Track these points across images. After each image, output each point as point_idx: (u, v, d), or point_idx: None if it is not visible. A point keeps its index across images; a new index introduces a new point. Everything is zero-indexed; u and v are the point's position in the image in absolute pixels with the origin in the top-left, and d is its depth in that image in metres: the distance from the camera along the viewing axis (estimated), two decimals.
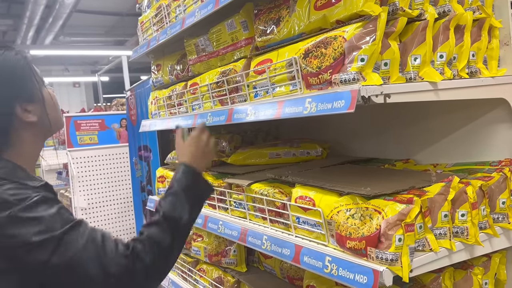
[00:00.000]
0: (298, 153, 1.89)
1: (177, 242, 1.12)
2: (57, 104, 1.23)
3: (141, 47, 2.29)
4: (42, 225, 0.97)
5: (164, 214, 1.12)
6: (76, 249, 0.98)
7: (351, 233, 1.12)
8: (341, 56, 1.09)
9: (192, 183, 1.21)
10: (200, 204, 1.24)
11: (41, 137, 1.20)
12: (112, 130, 4.54)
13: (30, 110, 1.14)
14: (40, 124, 1.17)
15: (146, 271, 1.04)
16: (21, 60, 1.16)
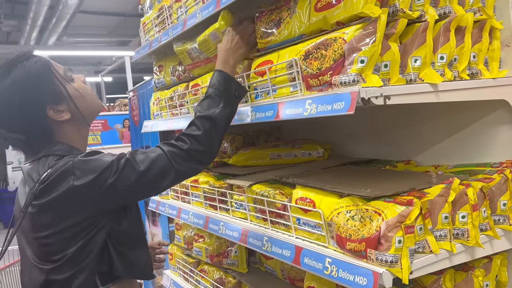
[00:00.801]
0: (300, 154, 1.89)
1: (214, 131, 1.29)
2: (86, 94, 1.33)
3: (143, 48, 2.30)
4: (100, 162, 1.18)
5: (197, 114, 1.31)
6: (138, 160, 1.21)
7: (351, 235, 1.12)
8: (341, 58, 1.09)
9: (224, 88, 1.36)
10: (234, 103, 1.37)
11: (82, 125, 1.34)
12: (115, 130, 4.56)
13: (62, 110, 1.27)
14: (76, 118, 1.31)
15: (188, 153, 1.25)
16: (41, 67, 1.26)
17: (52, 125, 1.27)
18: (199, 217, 1.88)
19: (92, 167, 1.17)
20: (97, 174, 1.16)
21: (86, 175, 1.16)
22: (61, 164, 1.19)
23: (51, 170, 1.18)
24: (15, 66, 1.25)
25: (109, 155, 1.23)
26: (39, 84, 1.25)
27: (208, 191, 1.84)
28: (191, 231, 2.31)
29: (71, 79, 1.32)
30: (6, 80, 1.23)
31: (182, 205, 2.06)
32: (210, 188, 1.83)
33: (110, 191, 1.17)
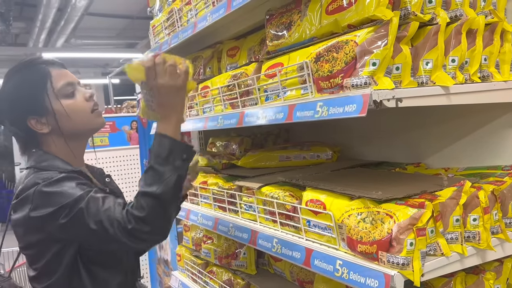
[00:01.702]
0: (309, 156, 1.89)
1: (159, 211, 1.16)
2: (75, 112, 1.32)
3: (153, 51, 2.31)
4: (59, 196, 1.17)
5: (140, 189, 1.18)
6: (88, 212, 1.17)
7: (362, 237, 1.12)
8: (352, 61, 1.10)
9: (167, 155, 1.18)
10: (181, 169, 1.20)
11: (70, 139, 1.35)
12: (123, 132, 4.58)
13: (43, 122, 1.31)
14: (55, 134, 1.33)
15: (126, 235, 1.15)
16: (36, 78, 1.30)
17: (35, 133, 1.32)
18: (208, 218, 1.89)
19: (50, 201, 1.18)
20: (52, 210, 1.17)
21: (42, 208, 1.18)
22: (29, 184, 1.21)
23: (23, 187, 1.23)
24: (19, 71, 1.34)
25: (75, 188, 1.20)
26: (27, 94, 1.30)
27: (217, 193, 1.85)
28: (199, 233, 2.31)
29: (67, 94, 1.32)
30: (10, 80, 1.33)
31: (191, 207, 2.07)
32: (219, 190, 1.83)
33: (61, 230, 1.19)
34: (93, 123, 1.38)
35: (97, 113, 1.38)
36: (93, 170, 1.55)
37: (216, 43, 2.07)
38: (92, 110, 1.36)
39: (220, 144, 2.47)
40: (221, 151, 2.43)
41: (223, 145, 2.45)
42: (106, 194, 1.22)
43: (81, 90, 1.35)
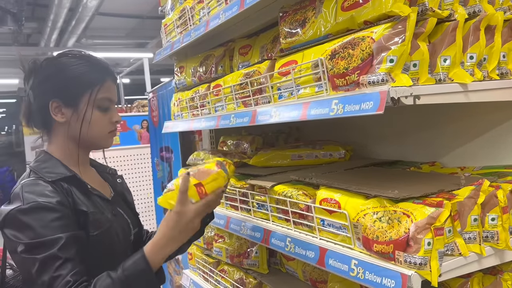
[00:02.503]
0: (321, 155, 1.88)
1: None
2: (95, 126, 1.34)
3: (165, 49, 2.31)
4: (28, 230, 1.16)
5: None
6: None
7: (378, 237, 1.11)
8: (369, 57, 1.08)
9: (138, 280, 1.16)
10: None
11: (72, 141, 1.36)
12: (134, 131, 4.60)
13: (63, 112, 1.32)
14: (69, 129, 1.34)
15: None
16: (90, 75, 1.33)
17: (49, 115, 1.33)
18: (220, 217, 1.88)
19: (19, 229, 1.18)
20: (16, 239, 1.18)
21: (10, 230, 1.19)
22: (15, 194, 1.23)
23: (13, 193, 1.25)
24: (88, 59, 1.36)
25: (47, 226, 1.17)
26: (61, 77, 1.32)
27: (229, 192, 1.84)
28: (210, 231, 2.31)
29: (102, 107, 1.34)
30: (74, 57, 1.35)
31: None
32: (231, 189, 1.83)
33: (14, 257, 1.24)
34: (104, 141, 1.40)
35: (112, 135, 1.41)
36: (104, 169, 1.57)
37: (228, 41, 2.06)
38: (109, 132, 1.39)
39: (231, 143, 2.47)
40: (232, 150, 2.42)
41: (234, 144, 2.45)
42: (69, 257, 1.16)
43: (113, 111, 1.39)
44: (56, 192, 1.23)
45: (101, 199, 1.37)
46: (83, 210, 1.26)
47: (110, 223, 1.33)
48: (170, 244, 1.21)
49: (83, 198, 1.30)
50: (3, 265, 1.33)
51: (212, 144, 2.70)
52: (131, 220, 1.47)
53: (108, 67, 1.40)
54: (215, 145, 2.68)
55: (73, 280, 1.14)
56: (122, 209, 1.46)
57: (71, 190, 1.29)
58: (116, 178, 1.58)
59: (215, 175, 1.28)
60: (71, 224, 1.22)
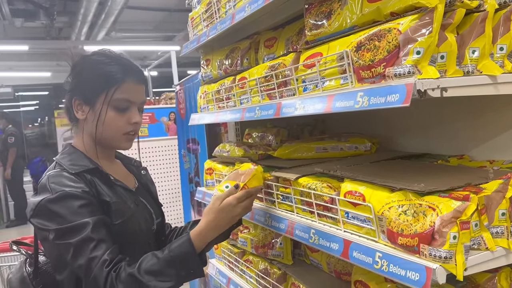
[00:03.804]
0: (346, 148, 1.87)
1: None
2: (109, 125, 1.37)
3: (191, 43, 2.34)
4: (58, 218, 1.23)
5: (138, 267, 1.21)
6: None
7: (403, 230, 1.10)
8: (395, 49, 1.07)
9: (182, 262, 1.24)
10: (183, 280, 1.27)
11: (91, 138, 1.40)
12: (161, 123, 4.68)
13: (83, 110, 1.38)
14: (87, 126, 1.40)
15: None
16: (108, 75, 1.35)
17: (73, 111, 1.40)
18: None
19: (49, 218, 1.25)
20: (47, 227, 1.24)
21: (40, 219, 1.26)
22: (42, 185, 1.30)
23: (40, 183, 1.32)
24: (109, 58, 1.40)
25: (76, 212, 1.24)
26: (91, 79, 1.37)
27: None
28: None
29: (118, 108, 1.36)
30: (98, 56, 1.41)
31: None
32: None
33: (46, 245, 1.33)
34: (118, 143, 1.42)
35: (128, 137, 1.42)
36: (129, 162, 1.62)
37: (254, 34, 2.07)
38: (125, 133, 1.40)
39: (256, 135, 2.49)
40: (257, 142, 2.44)
41: (259, 136, 2.46)
42: (102, 238, 1.23)
43: (132, 112, 1.39)
44: (80, 182, 1.30)
45: (124, 189, 1.42)
46: (105, 200, 1.32)
47: (132, 213, 1.38)
48: (212, 230, 1.31)
49: (106, 188, 1.35)
50: (36, 252, 1.39)
51: (237, 136, 2.72)
52: (154, 211, 1.52)
53: (130, 67, 1.40)
54: (240, 137, 2.70)
55: (110, 258, 1.20)
56: (145, 200, 1.51)
57: (94, 181, 1.34)
58: (140, 170, 1.62)
59: (254, 172, 1.45)
60: (98, 210, 1.28)
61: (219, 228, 1.34)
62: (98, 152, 1.42)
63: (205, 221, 1.32)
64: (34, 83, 12.50)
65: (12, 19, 7.87)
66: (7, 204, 8.93)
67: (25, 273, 1.37)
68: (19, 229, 8.01)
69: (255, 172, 1.46)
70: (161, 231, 1.56)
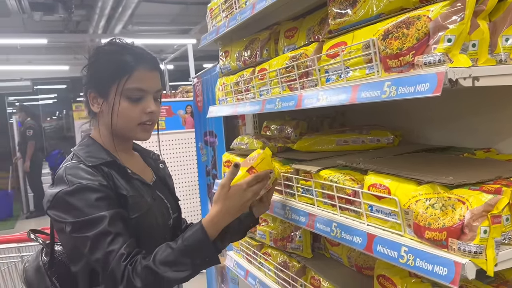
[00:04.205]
0: (368, 140, 1.83)
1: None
2: (122, 116, 1.34)
3: (210, 34, 2.32)
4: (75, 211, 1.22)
5: (153, 258, 1.20)
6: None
7: (430, 223, 1.07)
8: (425, 37, 1.04)
9: (195, 251, 1.22)
10: (198, 269, 1.25)
11: (107, 130, 1.39)
12: (178, 116, 4.69)
13: (98, 102, 1.37)
14: (103, 118, 1.38)
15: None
16: (119, 65, 1.32)
17: (89, 104, 1.39)
18: None
19: (66, 210, 1.24)
20: (64, 219, 1.24)
21: (57, 211, 1.26)
22: (59, 176, 1.29)
23: (57, 174, 1.31)
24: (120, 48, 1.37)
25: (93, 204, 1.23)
26: (102, 71, 1.35)
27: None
28: None
29: (131, 98, 1.33)
30: (109, 46, 1.39)
31: None
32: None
33: (62, 237, 1.34)
34: (133, 133, 1.39)
35: (144, 128, 1.38)
36: (148, 154, 1.60)
37: (274, 25, 2.04)
38: (140, 123, 1.36)
39: (275, 128, 2.46)
40: (275, 134, 2.42)
41: (277, 129, 2.44)
42: (119, 231, 1.22)
43: (147, 101, 1.35)
44: (97, 175, 1.28)
45: (141, 183, 1.40)
46: (122, 193, 1.30)
47: (149, 207, 1.36)
48: (223, 216, 1.29)
49: (123, 182, 1.33)
50: (52, 241, 1.39)
51: (255, 129, 2.70)
52: (171, 205, 1.50)
53: (142, 55, 1.37)
54: (258, 130, 2.68)
55: (127, 252, 1.20)
56: (162, 194, 1.49)
57: (111, 174, 1.32)
58: (158, 163, 1.60)
59: (262, 155, 1.39)
60: (115, 203, 1.27)
61: (231, 214, 1.31)
62: (116, 144, 1.40)
63: (216, 208, 1.30)
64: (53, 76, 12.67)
65: (31, 12, 7.96)
66: (27, 195, 9.10)
67: (41, 263, 1.37)
68: (39, 220, 8.17)
69: (264, 155, 1.41)
70: (178, 226, 1.54)
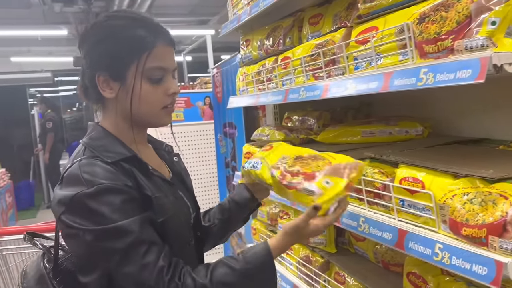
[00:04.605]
0: (395, 132, 1.76)
1: None
2: (147, 102, 1.15)
3: (231, 22, 2.27)
4: (99, 216, 1.02)
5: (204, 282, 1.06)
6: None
7: (468, 220, 1.00)
8: (466, 20, 0.96)
9: (259, 272, 1.10)
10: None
11: (124, 119, 1.18)
12: (197, 107, 4.66)
13: (111, 87, 1.14)
14: (118, 105, 1.17)
15: None
16: (136, 41, 1.12)
17: (98, 90, 1.16)
18: None
19: (87, 216, 1.03)
20: (85, 227, 1.03)
21: (75, 217, 1.04)
22: (72, 175, 1.07)
23: (68, 173, 1.09)
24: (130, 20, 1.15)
25: (119, 208, 1.04)
26: (115, 49, 1.12)
27: None
28: (274, 208, 2.28)
29: (153, 79, 1.14)
30: (116, 20, 1.16)
31: None
32: None
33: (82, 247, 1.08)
34: (158, 119, 1.20)
35: (167, 111, 1.20)
36: (160, 146, 1.38)
37: (297, 11, 1.97)
38: (163, 107, 1.18)
39: (297, 119, 2.40)
40: (297, 125, 2.36)
41: (299, 120, 2.38)
42: (153, 240, 1.05)
43: (168, 81, 1.17)
44: (118, 173, 1.09)
45: (162, 180, 1.21)
46: (147, 194, 1.11)
47: (175, 209, 1.19)
48: (290, 246, 1.18)
49: (146, 180, 1.14)
50: (56, 247, 1.20)
51: (276, 120, 2.65)
52: (191, 204, 1.31)
53: (159, 27, 1.17)
54: (279, 121, 2.63)
55: (167, 264, 1.04)
56: (182, 192, 1.30)
57: (133, 171, 1.12)
58: (172, 157, 1.38)
59: (360, 168, 1.18)
60: (141, 206, 1.09)
61: (301, 241, 1.30)
62: (135, 136, 1.20)
63: (288, 239, 1.15)
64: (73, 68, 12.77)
65: (51, 4, 8.01)
66: (48, 185, 9.24)
67: (44, 271, 1.17)
68: None
69: (361, 168, 1.19)
70: (197, 225, 1.35)
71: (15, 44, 8.95)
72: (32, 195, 9.06)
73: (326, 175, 1.16)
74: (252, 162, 1.40)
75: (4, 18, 7.56)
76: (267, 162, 1.34)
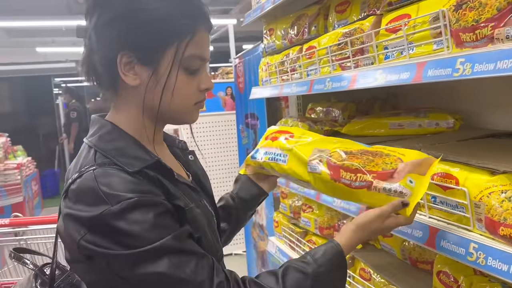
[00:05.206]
0: (425, 124, 1.69)
1: None
2: (178, 93, 0.96)
3: (255, 11, 2.22)
4: (130, 238, 0.84)
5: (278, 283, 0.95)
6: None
7: (506, 219, 0.95)
8: (508, 6, 0.90)
9: (329, 274, 0.99)
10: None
11: (147, 113, 0.98)
12: (218, 98, 4.65)
13: (136, 71, 0.94)
14: (144, 96, 0.96)
15: None
16: (160, 8, 0.92)
17: (117, 73, 0.94)
18: None
19: (114, 239, 0.84)
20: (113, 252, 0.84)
21: (99, 240, 0.85)
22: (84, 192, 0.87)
23: (77, 186, 0.90)
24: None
25: (152, 227, 0.85)
26: (151, 27, 0.92)
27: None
28: (297, 201, 2.25)
29: (189, 69, 0.97)
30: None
31: None
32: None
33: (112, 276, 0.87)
34: (189, 115, 1.03)
35: (198, 107, 1.03)
36: (173, 143, 1.19)
37: None
38: (196, 103, 1.01)
39: (321, 110, 2.35)
40: (321, 117, 2.31)
41: (324, 111, 2.33)
42: (200, 253, 0.90)
43: (203, 75, 1.00)
44: (144, 183, 0.89)
45: (189, 188, 1.04)
46: (179, 205, 0.93)
47: (207, 221, 1.03)
48: (363, 240, 1.08)
49: (174, 188, 0.96)
50: (53, 267, 1.07)
51: (299, 111, 2.60)
52: (214, 212, 1.14)
53: (202, 8, 0.98)
54: (302, 112, 2.58)
55: (224, 279, 0.90)
56: (204, 199, 1.12)
57: (159, 179, 0.93)
58: (187, 155, 1.19)
59: (435, 162, 1.10)
60: (177, 219, 0.92)
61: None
62: (150, 134, 1.01)
63: (359, 235, 1.05)
64: None
65: None
66: None
67: None
68: None
69: (435, 163, 1.10)
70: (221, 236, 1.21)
71: (40, 35, 9.08)
72: (57, 183, 9.26)
73: (410, 173, 1.06)
74: (272, 153, 1.28)
75: (29, 8, 7.67)
76: (299, 155, 1.22)
